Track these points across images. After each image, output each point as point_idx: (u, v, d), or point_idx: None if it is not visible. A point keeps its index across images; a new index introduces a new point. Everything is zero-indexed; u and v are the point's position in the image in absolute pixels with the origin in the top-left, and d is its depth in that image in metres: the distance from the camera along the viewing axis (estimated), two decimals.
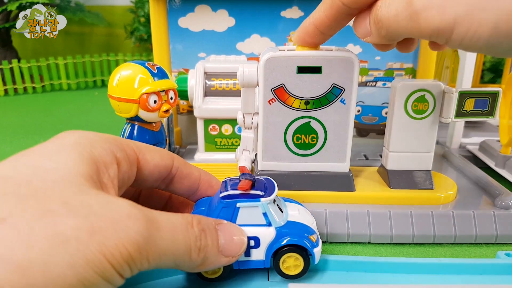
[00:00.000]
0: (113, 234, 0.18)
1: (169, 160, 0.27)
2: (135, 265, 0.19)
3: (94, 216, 0.18)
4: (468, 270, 0.28)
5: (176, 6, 0.48)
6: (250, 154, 0.39)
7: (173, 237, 0.21)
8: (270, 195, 0.26)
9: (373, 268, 0.28)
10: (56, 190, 0.19)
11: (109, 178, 0.22)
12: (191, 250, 0.21)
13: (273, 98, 0.33)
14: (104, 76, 1.13)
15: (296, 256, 0.26)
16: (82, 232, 0.17)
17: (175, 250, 0.21)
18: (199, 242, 0.22)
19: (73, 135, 0.23)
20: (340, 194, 0.35)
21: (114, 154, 0.23)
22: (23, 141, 0.62)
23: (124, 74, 0.36)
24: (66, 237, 0.17)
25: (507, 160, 0.43)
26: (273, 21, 0.48)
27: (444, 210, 0.34)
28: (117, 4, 1.30)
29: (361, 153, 0.48)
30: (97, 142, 0.22)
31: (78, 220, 0.18)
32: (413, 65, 0.49)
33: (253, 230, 0.25)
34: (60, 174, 0.19)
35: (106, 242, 0.18)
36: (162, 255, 0.20)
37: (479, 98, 0.33)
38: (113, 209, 0.19)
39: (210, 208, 0.27)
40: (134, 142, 0.26)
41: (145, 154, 0.26)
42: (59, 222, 0.17)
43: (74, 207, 0.18)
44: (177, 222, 0.21)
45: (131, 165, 0.24)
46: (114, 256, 0.18)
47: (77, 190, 0.19)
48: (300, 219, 0.27)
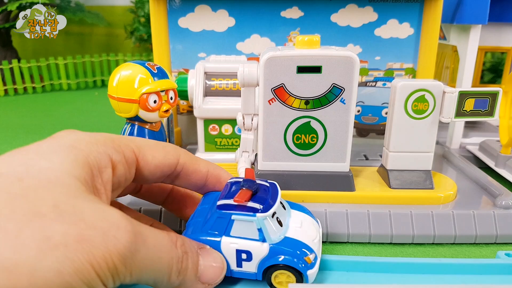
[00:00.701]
0: (102, 244, 0.18)
1: (174, 158, 0.26)
2: (118, 277, 0.19)
3: (84, 223, 0.18)
4: (468, 270, 0.28)
5: (176, 6, 0.48)
6: (250, 156, 0.39)
7: (158, 255, 0.21)
8: (268, 209, 0.25)
9: (373, 268, 0.28)
10: (49, 190, 0.18)
11: (102, 183, 0.22)
12: (172, 271, 0.21)
13: (273, 98, 0.33)
14: (104, 76, 1.13)
15: (288, 274, 0.25)
16: (71, 239, 0.17)
17: (157, 268, 0.21)
18: (180, 264, 0.22)
19: (70, 135, 0.22)
20: (340, 194, 0.35)
21: (110, 157, 0.23)
22: (23, 141, 0.62)
23: (124, 74, 0.36)
24: (55, 243, 0.17)
25: (507, 160, 0.43)
26: (273, 21, 0.48)
27: (444, 210, 0.34)
28: (117, 4, 1.30)
29: (361, 153, 0.48)
30: (93, 145, 0.22)
31: (67, 226, 0.17)
32: (413, 65, 0.49)
33: (246, 244, 0.25)
34: (54, 174, 0.19)
35: (94, 252, 0.17)
36: (143, 271, 0.20)
37: (479, 98, 0.33)
38: (103, 218, 0.19)
39: (211, 210, 0.27)
40: (135, 140, 0.25)
41: (145, 155, 0.25)
42: (49, 226, 0.17)
43: (65, 211, 0.18)
44: (163, 240, 0.21)
45: (129, 167, 0.24)
46: (100, 266, 0.17)
47: (70, 193, 0.19)
48: (300, 235, 0.26)
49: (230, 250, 0.25)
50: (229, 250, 0.25)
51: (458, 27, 0.51)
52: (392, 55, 0.49)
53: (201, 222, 0.26)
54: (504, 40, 0.58)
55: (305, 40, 0.32)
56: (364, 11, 0.47)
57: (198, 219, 0.27)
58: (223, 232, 0.25)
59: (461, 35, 0.50)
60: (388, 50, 0.49)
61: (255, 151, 0.38)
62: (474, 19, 0.46)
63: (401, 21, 0.48)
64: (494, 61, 0.84)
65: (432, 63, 0.48)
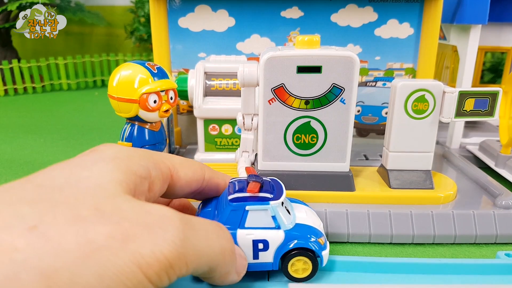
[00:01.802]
0: (148, 239, 0.17)
1: (201, 175, 0.26)
2: (174, 271, 0.18)
3: (127, 222, 0.17)
4: (468, 270, 0.28)
5: (176, 6, 0.48)
6: (250, 156, 0.39)
7: (208, 238, 0.20)
8: (278, 197, 0.26)
9: (373, 268, 0.28)
10: (88, 195, 0.18)
11: (143, 192, 0.22)
12: (225, 251, 0.21)
13: (273, 98, 0.33)
14: (104, 76, 1.13)
15: (305, 260, 0.26)
16: (115, 240, 0.17)
17: (211, 251, 0.20)
18: (230, 244, 0.22)
19: (111, 149, 0.22)
20: (340, 194, 0.35)
21: (149, 173, 0.23)
22: (23, 141, 0.62)
23: (124, 74, 0.36)
24: (98, 246, 0.16)
25: (507, 160, 0.43)
26: (273, 21, 0.48)
27: (444, 210, 0.34)
28: (117, 4, 1.30)
29: (361, 153, 0.48)
30: (135, 158, 0.22)
31: (110, 227, 0.17)
32: (413, 65, 0.49)
33: (262, 233, 0.25)
34: (93, 182, 0.19)
35: (141, 251, 0.17)
36: (199, 258, 0.19)
37: (479, 98, 0.33)
38: (146, 212, 0.19)
39: (217, 210, 0.27)
40: (169, 157, 0.25)
41: (178, 171, 0.25)
42: (91, 229, 0.17)
43: (106, 213, 0.18)
44: (208, 224, 0.21)
45: (164, 183, 0.24)
46: (150, 265, 0.17)
47: (109, 194, 0.19)
48: (308, 221, 0.27)
49: (246, 242, 0.25)
50: (245, 242, 0.25)
51: (458, 27, 0.51)
52: (392, 55, 0.49)
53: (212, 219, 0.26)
54: (504, 40, 0.58)
55: (305, 40, 0.32)
56: (364, 11, 0.47)
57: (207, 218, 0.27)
58: (237, 225, 0.25)
59: (461, 35, 0.50)
60: (388, 50, 0.49)
61: (255, 151, 0.38)
62: (474, 19, 0.46)
63: (401, 21, 0.48)
64: (494, 61, 0.84)
65: (432, 63, 0.48)
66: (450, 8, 0.48)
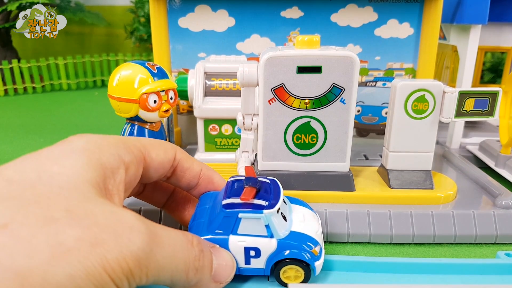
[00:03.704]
0: (115, 247, 0.18)
1: (172, 154, 0.27)
2: (134, 280, 0.18)
3: (97, 227, 0.18)
4: (468, 270, 0.28)
5: (176, 6, 0.48)
6: (250, 156, 0.39)
7: (173, 254, 0.21)
8: (274, 205, 0.25)
9: (373, 268, 0.28)
10: (61, 196, 0.18)
11: (115, 184, 0.22)
12: (189, 269, 0.21)
13: (273, 97, 0.33)
14: (104, 76, 1.13)
15: (297, 268, 0.25)
16: (84, 243, 0.17)
17: (174, 267, 0.21)
18: (197, 262, 0.22)
19: (81, 139, 0.22)
20: (340, 194, 0.35)
21: (122, 159, 0.23)
22: (23, 141, 0.62)
23: (124, 74, 0.36)
24: (68, 248, 0.17)
25: (507, 160, 0.43)
26: (273, 21, 0.48)
27: (444, 210, 0.34)
28: (117, 4, 1.30)
29: (361, 153, 0.48)
30: (105, 147, 0.22)
31: (80, 230, 0.17)
32: (413, 65, 0.49)
33: (254, 241, 0.25)
34: (66, 180, 0.19)
35: (107, 255, 0.17)
36: (160, 271, 0.20)
37: (479, 98, 0.33)
38: (116, 220, 0.19)
39: (213, 210, 0.27)
40: (139, 139, 0.26)
41: (150, 152, 0.25)
42: (62, 231, 0.17)
43: (78, 216, 0.18)
44: (178, 239, 0.21)
45: (138, 166, 0.24)
46: (114, 270, 0.17)
47: (82, 197, 0.19)
48: (304, 228, 0.26)
49: (238, 248, 0.25)
50: (237, 248, 0.25)
51: (458, 27, 0.51)
52: (392, 55, 0.49)
53: (205, 223, 0.26)
54: (504, 40, 0.58)
55: (305, 40, 0.32)
56: (364, 11, 0.47)
57: (200, 220, 0.27)
58: (230, 231, 0.25)
59: (461, 35, 0.50)
60: (388, 50, 0.49)
61: (255, 151, 0.38)
62: (474, 19, 0.46)
63: (401, 21, 0.48)
64: (494, 61, 0.84)
65: (432, 63, 0.48)
66: (450, 8, 0.48)
